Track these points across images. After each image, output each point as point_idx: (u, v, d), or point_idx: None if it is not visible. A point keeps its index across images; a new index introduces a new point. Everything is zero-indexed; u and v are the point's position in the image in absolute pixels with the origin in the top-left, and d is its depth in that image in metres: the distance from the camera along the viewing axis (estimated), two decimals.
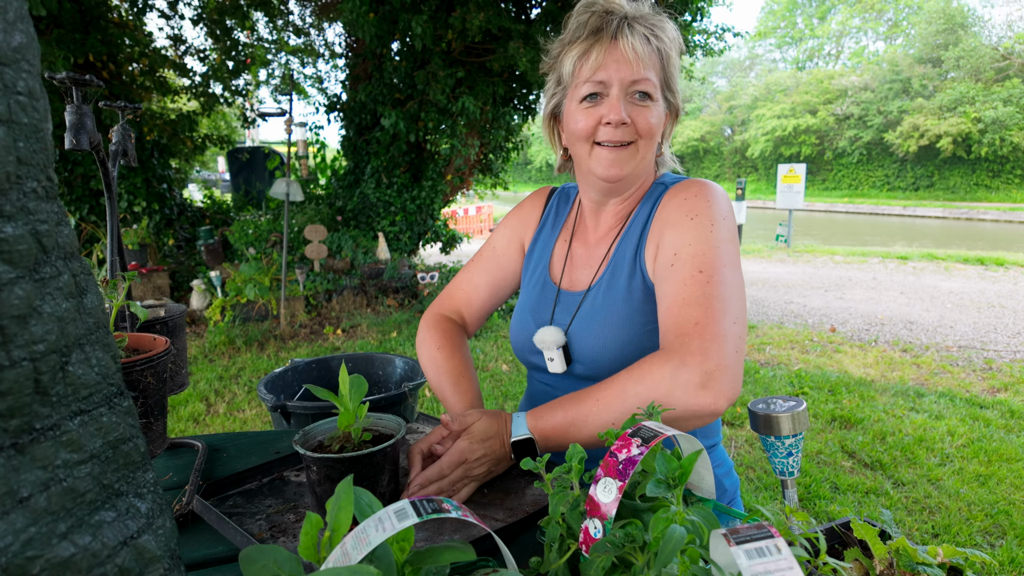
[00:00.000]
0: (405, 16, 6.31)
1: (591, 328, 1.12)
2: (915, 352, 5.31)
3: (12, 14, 0.38)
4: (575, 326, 1.15)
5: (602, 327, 1.11)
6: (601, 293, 1.14)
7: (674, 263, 1.02)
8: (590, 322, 1.13)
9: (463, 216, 15.77)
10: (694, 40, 8.25)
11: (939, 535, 2.61)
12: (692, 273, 0.99)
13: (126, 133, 1.20)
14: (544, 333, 1.16)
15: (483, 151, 8.09)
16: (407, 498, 0.53)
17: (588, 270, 1.21)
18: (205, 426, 3.77)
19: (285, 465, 1.04)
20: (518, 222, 1.35)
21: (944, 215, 25.79)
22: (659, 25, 1.09)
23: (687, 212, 1.06)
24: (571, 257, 1.25)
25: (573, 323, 1.16)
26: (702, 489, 0.72)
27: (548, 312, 1.21)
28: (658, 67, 1.09)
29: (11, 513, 0.36)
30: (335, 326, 5.97)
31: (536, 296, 1.25)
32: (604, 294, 1.14)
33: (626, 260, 1.14)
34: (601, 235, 1.22)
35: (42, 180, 0.40)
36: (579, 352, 1.15)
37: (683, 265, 1.01)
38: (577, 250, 1.25)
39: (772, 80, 44.37)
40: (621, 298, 1.11)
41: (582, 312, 1.15)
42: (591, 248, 1.23)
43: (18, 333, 0.37)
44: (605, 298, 1.13)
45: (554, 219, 1.32)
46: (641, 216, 1.16)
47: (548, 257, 1.28)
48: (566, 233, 1.29)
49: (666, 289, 1.02)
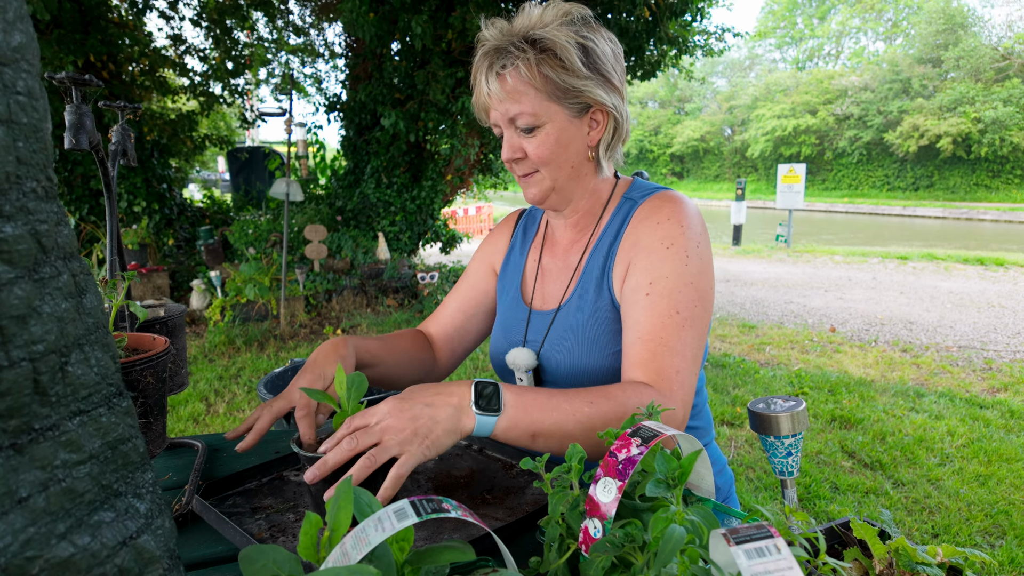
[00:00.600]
0: (405, 16, 6.31)
1: (562, 349, 1.12)
2: (915, 352, 5.31)
3: (12, 14, 0.38)
4: (547, 348, 1.15)
5: (573, 348, 1.11)
6: (571, 313, 1.14)
7: (650, 293, 1.02)
8: (561, 343, 1.13)
9: (463, 216, 15.78)
10: (694, 40, 8.25)
11: (939, 535, 2.61)
12: (670, 312, 1.00)
13: (125, 133, 1.20)
14: (516, 354, 1.17)
15: (483, 151, 8.09)
16: (407, 497, 0.53)
17: (559, 284, 1.20)
18: (205, 426, 3.77)
19: (284, 465, 1.04)
20: (489, 247, 1.37)
21: (944, 215, 25.80)
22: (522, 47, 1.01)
23: (662, 239, 1.05)
24: (542, 271, 1.25)
25: (545, 345, 1.16)
26: (702, 489, 0.72)
27: (520, 333, 1.21)
28: (535, 89, 1.02)
29: (10, 513, 0.36)
30: (335, 326, 5.97)
31: (509, 317, 1.26)
32: (574, 314, 1.13)
33: (593, 278, 1.13)
34: (568, 244, 1.22)
35: (42, 180, 0.40)
36: (552, 372, 1.15)
37: (660, 299, 1.01)
38: (548, 263, 1.25)
39: (772, 80, 44.38)
40: (589, 317, 1.11)
41: (553, 334, 1.15)
42: (560, 259, 1.22)
43: (17, 333, 0.37)
44: (575, 318, 1.13)
45: (522, 240, 1.33)
46: (609, 233, 1.14)
47: (520, 277, 1.28)
48: (535, 251, 1.29)
49: (639, 319, 1.01)
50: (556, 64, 1.01)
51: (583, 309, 1.12)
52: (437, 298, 6.44)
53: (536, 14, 1.03)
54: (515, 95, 1.03)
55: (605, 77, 1.05)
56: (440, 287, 6.55)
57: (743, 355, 5.27)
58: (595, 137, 1.10)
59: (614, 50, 1.08)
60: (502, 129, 1.08)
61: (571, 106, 1.05)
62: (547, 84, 1.02)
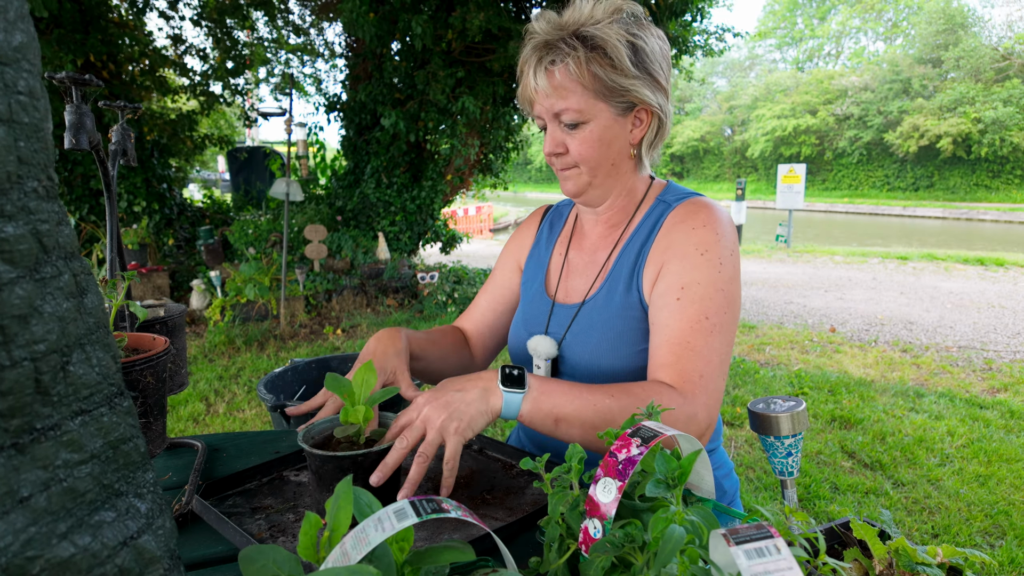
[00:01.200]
0: (405, 16, 6.31)
1: (586, 343, 1.13)
2: (915, 352, 5.31)
3: (12, 13, 0.38)
4: (569, 339, 1.16)
5: (598, 343, 1.11)
6: (597, 308, 1.14)
7: (680, 297, 1.03)
8: (586, 336, 1.13)
9: (463, 216, 15.78)
10: (694, 40, 8.25)
11: (939, 535, 2.62)
12: (699, 317, 1.01)
13: (125, 133, 1.20)
14: (537, 341, 1.17)
15: (483, 151, 8.09)
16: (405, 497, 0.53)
17: (585, 279, 1.21)
18: (205, 426, 3.77)
19: (284, 465, 1.04)
20: (515, 244, 1.39)
21: (944, 215, 25.80)
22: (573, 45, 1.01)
23: (697, 245, 1.05)
24: (568, 264, 1.26)
25: (567, 336, 1.16)
26: (702, 489, 0.72)
27: (542, 325, 1.22)
28: (583, 86, 1.02)
29: (11, 513, 0.36)
30: (335, 326, 5.97)
31: (531, 309, 1.27)
32: (600, 309, 1.13)
33: (623, 276, 1.13)
34: (597, 240, 1.22)
35: (43, 180, 0.40)
36: (571, 364, 1.15)
37: (690, 304, 1.02)
38: (574, 257, 1.26)
39: (772, 80, 44.37)
40: (616, 314, 1.11)
41: (577, 326, 1.16)
42: (588, 254, 1.23)
43: (19, 333, 0.37)
44: (601, 314, 1.13)
45: (548, 235, 1.34)
46: (642, 233, 1.14)
47: (544, 271, 1.29)
48: (561, 245, 1.30)
49: (668, 322, 1.03)
50: (605, 63, 1.02)
51: (610, 306, 1.12)
52: (437, 298, 6.44)
53: (587, 9, 1.03)
54: (562, 91, 1.03)
55: (652, 76, 1.05)
56: (440, 287, 6.54)
57: (743, 355, 5.27)
58: (638, 135, 1.11)
59: (662, 48, 1.08)
60: (545, 122, 1.09)
61: (617, 104, 1.05)
62: (595, 82, 1.02)
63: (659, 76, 1.06)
